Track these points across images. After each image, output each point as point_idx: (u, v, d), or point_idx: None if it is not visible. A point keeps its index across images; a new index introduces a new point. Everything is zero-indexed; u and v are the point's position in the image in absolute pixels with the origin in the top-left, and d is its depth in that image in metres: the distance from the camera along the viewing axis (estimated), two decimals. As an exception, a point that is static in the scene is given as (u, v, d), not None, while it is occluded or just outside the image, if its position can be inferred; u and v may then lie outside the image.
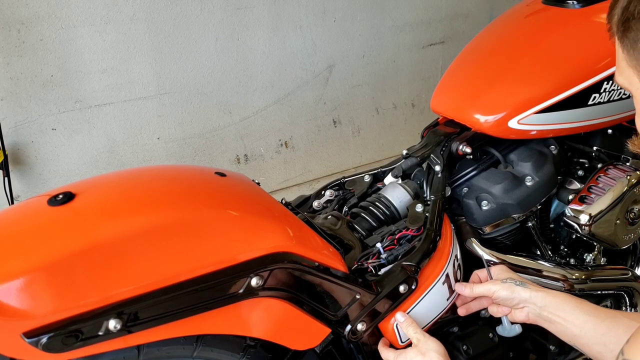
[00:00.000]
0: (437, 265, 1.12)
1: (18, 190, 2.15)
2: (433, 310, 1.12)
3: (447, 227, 1.19)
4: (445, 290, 1.13)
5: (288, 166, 2.83)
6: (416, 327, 1.04)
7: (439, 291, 1.11)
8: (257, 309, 0.93)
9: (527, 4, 1.52)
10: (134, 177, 1.00)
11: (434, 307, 1.11)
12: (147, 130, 2.38)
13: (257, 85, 2.61)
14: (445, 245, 1.15)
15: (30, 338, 0.73)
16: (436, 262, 1.12)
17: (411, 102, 3.16)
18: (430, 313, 1.11)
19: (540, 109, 1.26)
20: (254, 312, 0.93)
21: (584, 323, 1.02)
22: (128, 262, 0.81)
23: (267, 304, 0.93)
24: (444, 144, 1.30)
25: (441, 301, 1.13)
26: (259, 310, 0.93)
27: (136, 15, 2.22)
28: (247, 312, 0.92)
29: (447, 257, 1.14)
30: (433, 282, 1.10)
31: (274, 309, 0.94)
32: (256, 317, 0.93)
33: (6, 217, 0.87)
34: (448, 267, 1.13)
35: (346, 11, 2.75)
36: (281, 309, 0.94)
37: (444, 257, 1.13)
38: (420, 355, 0.99)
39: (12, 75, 2.05)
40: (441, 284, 1.11)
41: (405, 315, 1.06)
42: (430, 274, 1.11)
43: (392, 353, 1.05)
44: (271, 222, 0.96)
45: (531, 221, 1.34)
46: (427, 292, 1.09)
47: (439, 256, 1.13)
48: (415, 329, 1.04)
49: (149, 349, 0.89)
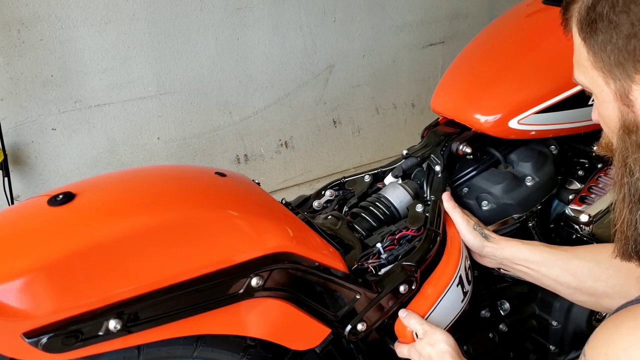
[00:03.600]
0: (450, 268, 1.11)
1: (18, 190, 2.15)
2: (449, 314, 1.10)
3: (453, 228, 1.19)
4: (459, 292, 1.11)
5: (288, 166, 2.83)
6: (420, 319, 1.04)
7: (454, 294, 1.10)
8: (257, 309, 0.93)
9: (527, 4, 1.52)
10: (134, 177, 1.00)
11: (450, 310, 1.10)
12: (147, 130, 2.39)
13: (257, 85, 2.61)
14: (455, 247, 1.14)
15: (30, 338, 0.73)
16: (449, 265, 1.11)
17: (411, 102, 3.16)
18: (447, 317, 1.10)
19: (541, 109, 1.26)
20: (254, 313, 0.93)
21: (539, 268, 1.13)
22: (128, 262, 0.81)
23: (267, 304, 0.93)
24: (444, 144, 1.30)
25: (457, 303, 1.11)
26: (259, 310, 0.93)
27: (136, 15, 2.22)
28: (247, 312, 0.92)
29: (459, 259, 1.12)
30: (447, 285, 1.08)
31: (274, 309, 0.94)
32: (256, 317, 0.93)
33: (6, 217, 0.87)
34: (460, 269, 1.12)
35: (346, 11, 2.75)
36: (281, 309, 0.94)
37: (456, 259, 1.12)
38: (429, 346, 0.99)
39: (12, 75, 2.05)
40: (455, 286, 1.10)
41: (406, 310, 1.06)
42: (443, 277, 1.09)
43: (405, 347, 1.05)
44: (271, 222, 0.96)
45: (531, 221, 1.34)
46: (442, 296, 1.08)
47: (451, 259, 1.12)
48: (419, 320, 1.03)
49: (149, 349, 0.89)
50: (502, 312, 1.29)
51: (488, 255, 1.18)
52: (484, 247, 1.17)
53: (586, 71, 0.79)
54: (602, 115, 0.82)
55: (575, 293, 1.10)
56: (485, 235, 1.18)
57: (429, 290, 1.08)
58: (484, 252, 1.18)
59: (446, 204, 1.21)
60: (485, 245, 1.17)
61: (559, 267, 1.10)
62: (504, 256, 1.16)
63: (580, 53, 0.80)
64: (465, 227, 1.18)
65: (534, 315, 1.36)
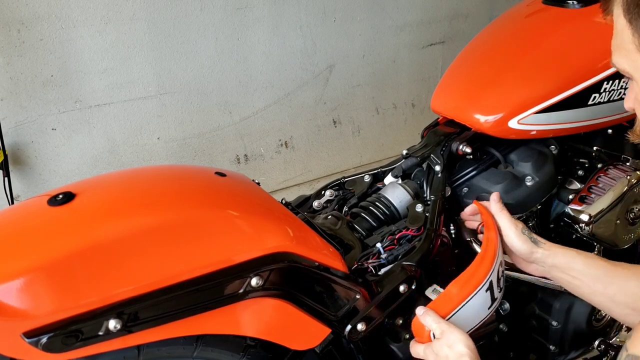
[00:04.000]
0: (481, 271, 1.03)
1: (18, 190, 2.15)
2: (473, 319, 1.03)
3: (493, 231, 1.09)
4: (487, 298, 1.03)
5: (288, 166, 2.83)
6: (438, 318, 0.97)
7: (481, 299, 1.02)
8: (257, 309, 0.92)
9: (527, 4, 1.52)
10: (134, 177, 1.00)
11: (474, 315, 1.03)
12: (147, 130, 2.38)
13: (257, 85, 2.61)
14: (491, 250, 1.05)
15: (30, 338, 0.73)
16: (481, 268, 1.03)
17: (411, 102, 3.16)
18: (470, 322, 1.02)
19: (540, 109, 1.26)
20: (254, 312, 0.93)
21: (593, 284, 1.03)
22: (128, 262, 0.81)
23: (267, 304, 0.93)
24: (444, 144, 1.30)
25: (482, 309, 1.04)
26: (259, 310, 0.93)
27: (136, 15, 2.22)
28: (247, 312, 0.92)
29: (492, 263, 1.04)
30: (476, 288, 1.01)
31: (274, 309, 0.94)
32: (256, 317, 0.93)
33: (6, 217, 0.87)
34: (492, 274, 1.03)
35: (346, 11, 2.75)
36: (281, 309, 0.94)
37: (490, 263, 1.04)
38: (446, 347, 0.93)
39: (12, 75, 2.05)
40: (484, 291, 1.02)
41: (424, 307, 1.00)
42: (472, 280, 1.02)
43: (421, 346, 0.99)
44: (271, 222, 0.96)
45: (531, 221, 1.34)
46: (468, 300, 1.00)
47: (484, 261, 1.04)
48: (437, 319, 0.97)
49: (149, 349, 0.89)
50: (502, 312, 1.29)
51: (537, 261, 1.09)
52: (532, 253, 1.08)
53: (629, 55, 0.77)
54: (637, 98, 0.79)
55: (631, 314, 1.01)
56: (534, 240, 1.08)
57: (455, 290, 1.01)
58: (532, 258, 1.09)
59: (494, 206, 1.12)
60: (535, 251, 1.07)
61: (617, 286, 1.01)
62: (555, 264, 1.07)
63: (624, 36, 0.76)
64: (513, 231, 1.08)
65: (534, 315, 1.36)
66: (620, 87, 1.29)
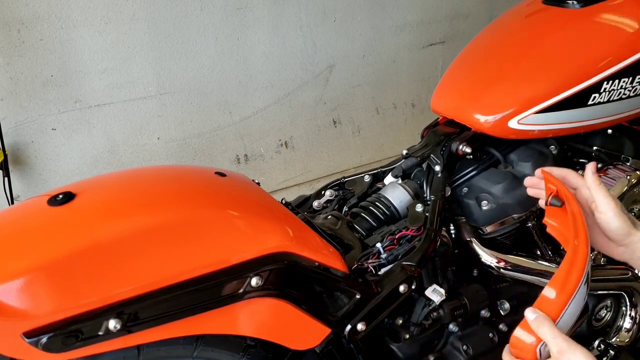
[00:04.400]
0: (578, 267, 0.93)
1: (18, 190, 2.15)
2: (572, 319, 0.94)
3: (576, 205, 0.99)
4: (584, 291, 0.94)
5: (288, 166, 2.83)
6: (554, 329, 0.82)
7: (581, 293, 0.93)
8: (257, 309, 0.93)
9: (527, 4, 1.52)
10: (134, 177, 1.00)
11: (574, 314, 0.93)
12: (147, 130, 2.39)
13: (257, 85, 2.61)
14: (581, 233, 0.96)
15: (30, 338, 0.73)
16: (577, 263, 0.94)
17: (411, 102, 3.16)
18: (569, 323, 0.93)
19: (540, 109, 1.26)
20: (254, 312, 0.93)
21: None
22: (128, 262, 0.81)
23: (267, 304, 0.93)
24: (444, 144, 1.30)
25: (581, 303, 0.94)
26: (259, 310, 0.93)
27: (136, 15, 2.22)
28: (247, 312, 0.92)
29: (586, 256, 0.95)
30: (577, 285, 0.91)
31: (274, 309, 0.94)
32: (256, 317, 0.93)
33: (6, 217, 0.87)
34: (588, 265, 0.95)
35: (346, 11, 2.75)
36: (281, 309, 0.94)
37: (584, 256, 0.95)
38: None
39: (12, 75, 2.05)
40: (584, 284, 0.93)
41: (536, 311, 0.84)
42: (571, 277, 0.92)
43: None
44: (271, 222, 0.96)
45: (531, 221, 1.34)
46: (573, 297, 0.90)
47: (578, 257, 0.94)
48: (553, 332, 0.81)
49: (149, 349, 0.89)
50: (502, 312, 1.29)
51: (631, 245, 0.97)
52: (629, 235, 0.96)
53: None
54: None
55: None
56: (633, 222, 0.97)
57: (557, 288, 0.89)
58: (626, 241, 0.97)
59: (589, 178, 0.98)
60: (633, 233, 0.96)
61: None
62: None
63: None
64: (612, 209, 0.96)
65: (534, 315, 1.36)
66: (620, 87, 1.29)
